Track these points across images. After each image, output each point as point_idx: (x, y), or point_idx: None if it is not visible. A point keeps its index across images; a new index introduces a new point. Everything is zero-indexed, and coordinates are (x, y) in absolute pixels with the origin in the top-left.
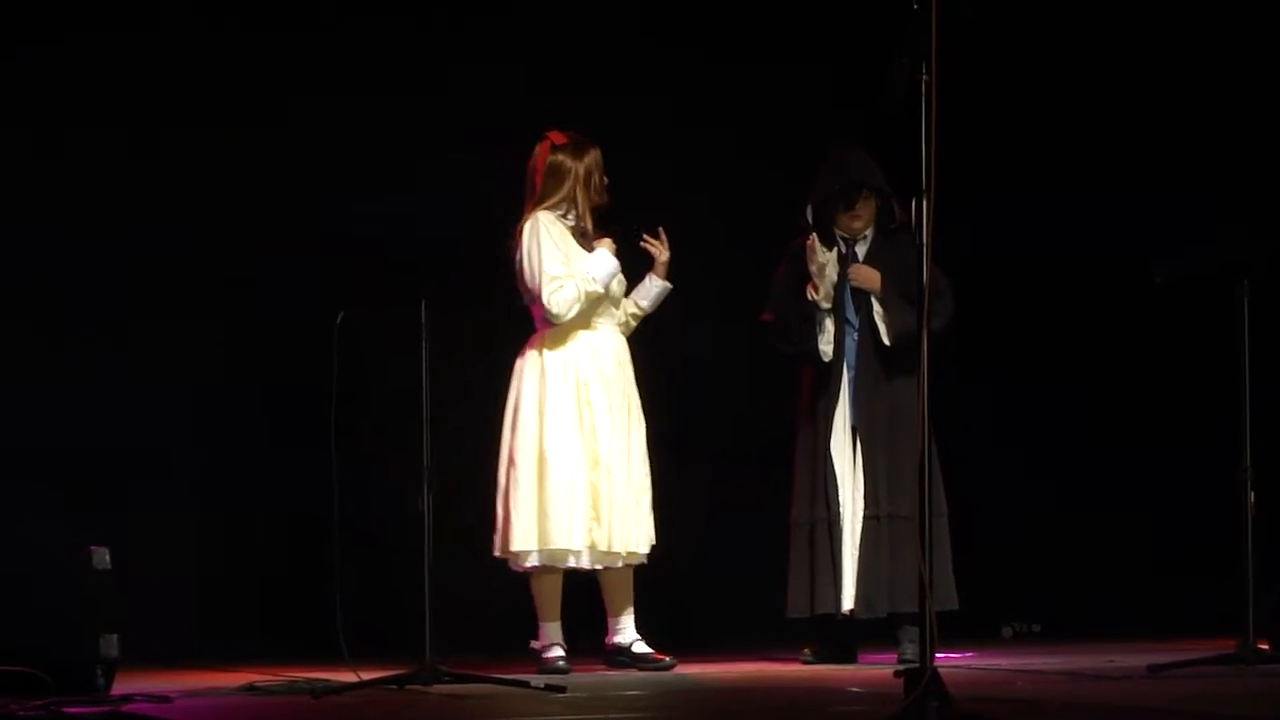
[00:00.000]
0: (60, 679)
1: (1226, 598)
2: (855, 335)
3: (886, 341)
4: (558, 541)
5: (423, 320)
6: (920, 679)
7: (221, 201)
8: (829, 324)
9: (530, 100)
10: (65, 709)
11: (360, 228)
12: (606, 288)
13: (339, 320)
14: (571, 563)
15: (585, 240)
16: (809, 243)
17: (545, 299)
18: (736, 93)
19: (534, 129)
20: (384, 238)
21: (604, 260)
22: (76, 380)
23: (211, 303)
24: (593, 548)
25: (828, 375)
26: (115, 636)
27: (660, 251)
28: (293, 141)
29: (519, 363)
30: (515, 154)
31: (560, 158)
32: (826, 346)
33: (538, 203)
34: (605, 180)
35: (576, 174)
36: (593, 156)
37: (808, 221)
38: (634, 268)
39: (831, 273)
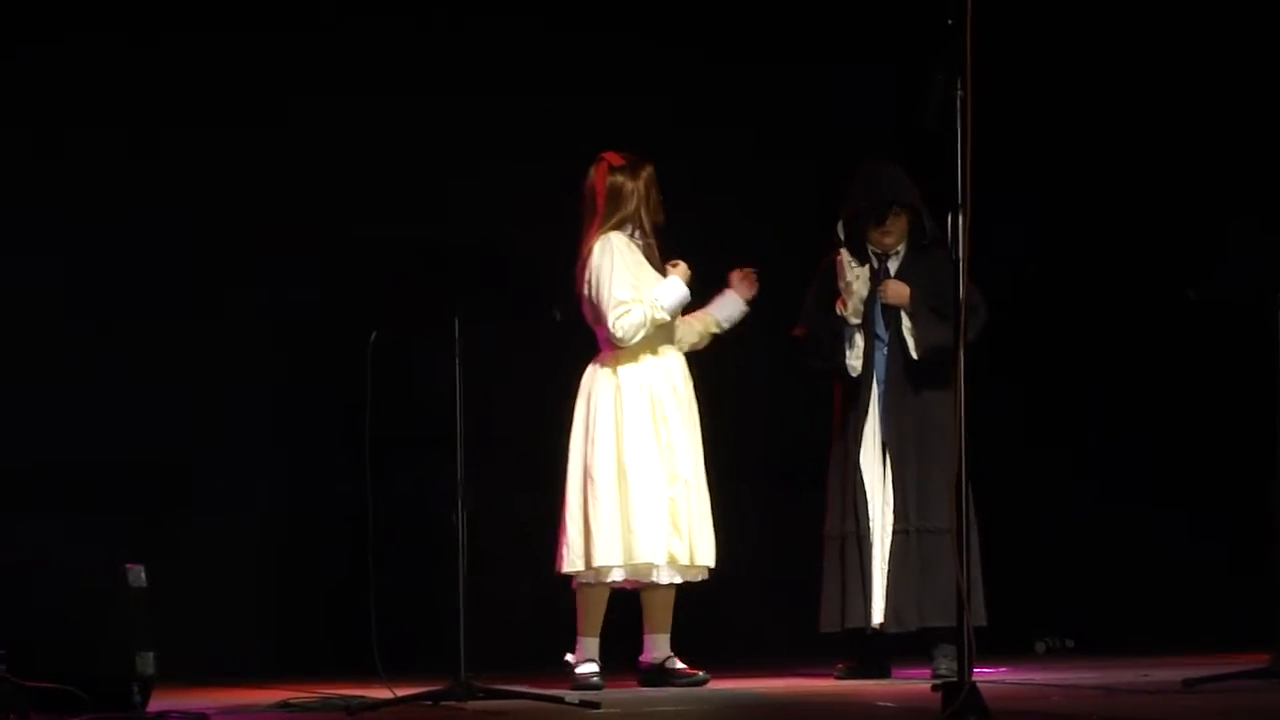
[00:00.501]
0: (97, 696)
1: (1260, 611)
2: (885, 350)
3: (914, 356)
4: (642, 556)
5: (455, 336)
6: (959, 692)
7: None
8: (859, 339)
9: (548, 102)
10: None
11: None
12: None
13: (372, 339)
14: (655, 577)
15: (653, 259)
16: (838, 259)
17: (611, 323)
18: (776, 101)
19: (552, 133)
20: (415, 249)
21: (674, 288)
22: (109, 393)
23: (242, 312)
24: (672, 561)
25: (857, 390)
26: (151, 654)
27: (750, 290)
28: (301, 146)
29: (587, 380)
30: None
31: (619, 178)
32: (856, 361)
33: (602, 224)
34: (661, 197)
35: (638, 193)
36: (648, 174)
37: (839, 237)
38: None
39: (861, 288)
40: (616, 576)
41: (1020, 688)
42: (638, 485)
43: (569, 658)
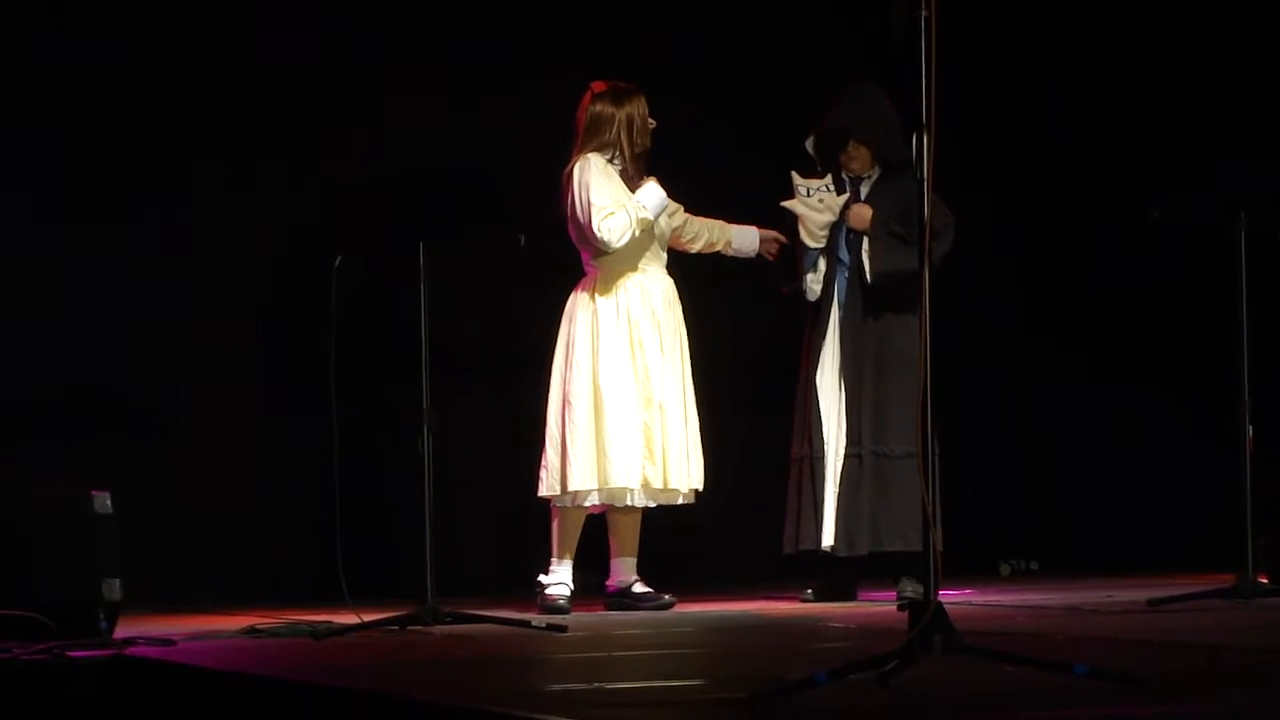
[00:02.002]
0: (63, 623)
1: (1224, 532)
2: (845, 274)
3: (868, 279)
4: (616, 480)
5: (420, 262)
6: (924, 612)
7: (214, 141)
8: (821, 263)
9: (533, 36)
10: (69, 653)
11: (355, 167)
12: (656, 220)
13: (336, 264)
14: (629, 500)
15: (631, 184)
16: (793, 182)
17: (596, 226)
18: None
19: (532, 66)
20: (379, 176)
21: (652, 190)
22: (72, 320)
23: (210, 242)
24: (646, 485)
25: (819, 314)
26: (117, 581)
27: (766, 249)
28: (277, 78)
29: (569, 305)
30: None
31: (600, 106)
32: (815, 286)
33: (581, 148)
34: (651, 124)
35: (619, 120)
36: (634, 103)
37: (812, 156)
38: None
39: (811, 214)
40: (592, 500)
41: (986, 609)
42: (613, 411)
43: (541, 578)
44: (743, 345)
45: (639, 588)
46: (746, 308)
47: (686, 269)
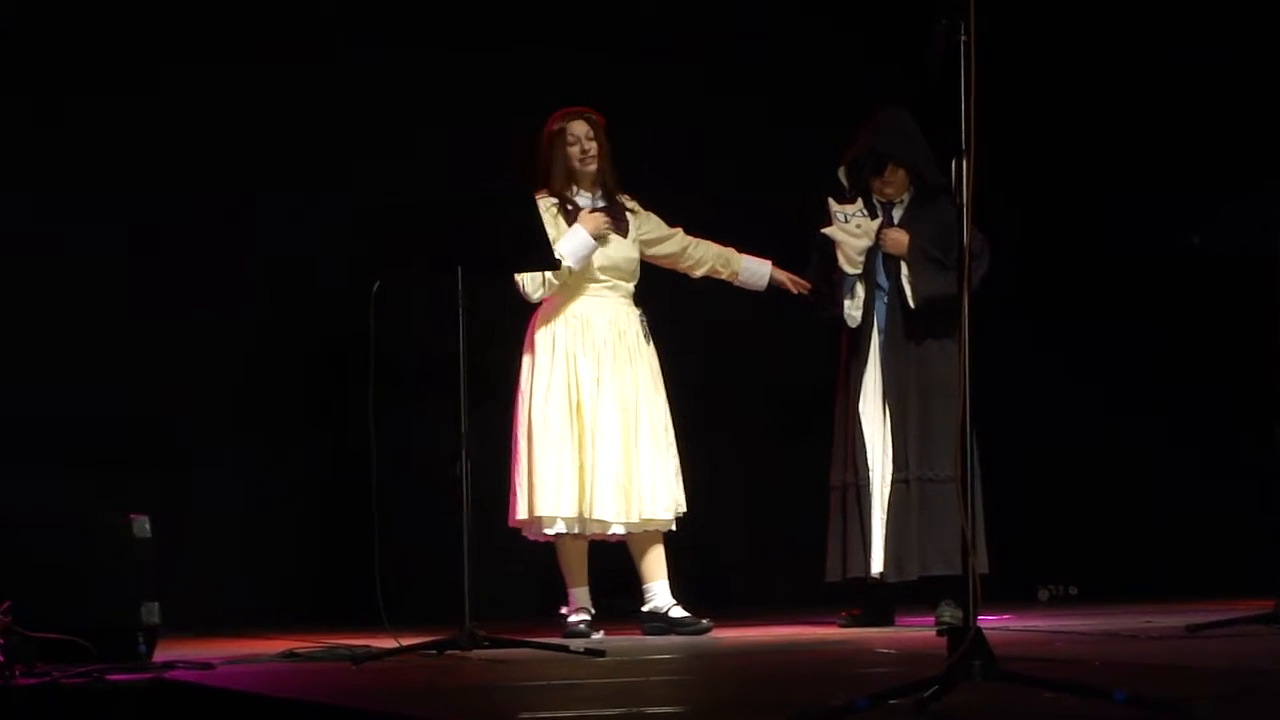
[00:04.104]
0: (102, 647)
1: (1264, 557)
2: (885, 300)
3: (912, 305)
4: (542, 509)
5: (459, 287)
6: (964, 638)
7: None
8: (859, 289)
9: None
10: (108, 677)
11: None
12: (587, 257)
13: (374, 289)
14: (553, 529)
15: (572, 215)
16: (828, 208)
17: (518, 281)
18: (769, 55)
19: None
20: (416, 203)
21: (572, 236)
22: (109, 345)
23: (248, 270)
24: (581, 517)
25: (858, 340)
26: (156, 605)
27: (781, 283)
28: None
29: (525, 337)
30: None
31: (541, 142)
32: (855, 311)
33: (536, 188)
34: (589, 148)
35: (542, 152)
36: (565, 128)
37: (843, 184)
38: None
39: (849, 239)
40: (528, 532)
41: (1024, 634)
42: (541, 443)
43: (563, 610)
44: (770, 373)
45: (676, 612)
46: (771, 335)
47: (714, 296)
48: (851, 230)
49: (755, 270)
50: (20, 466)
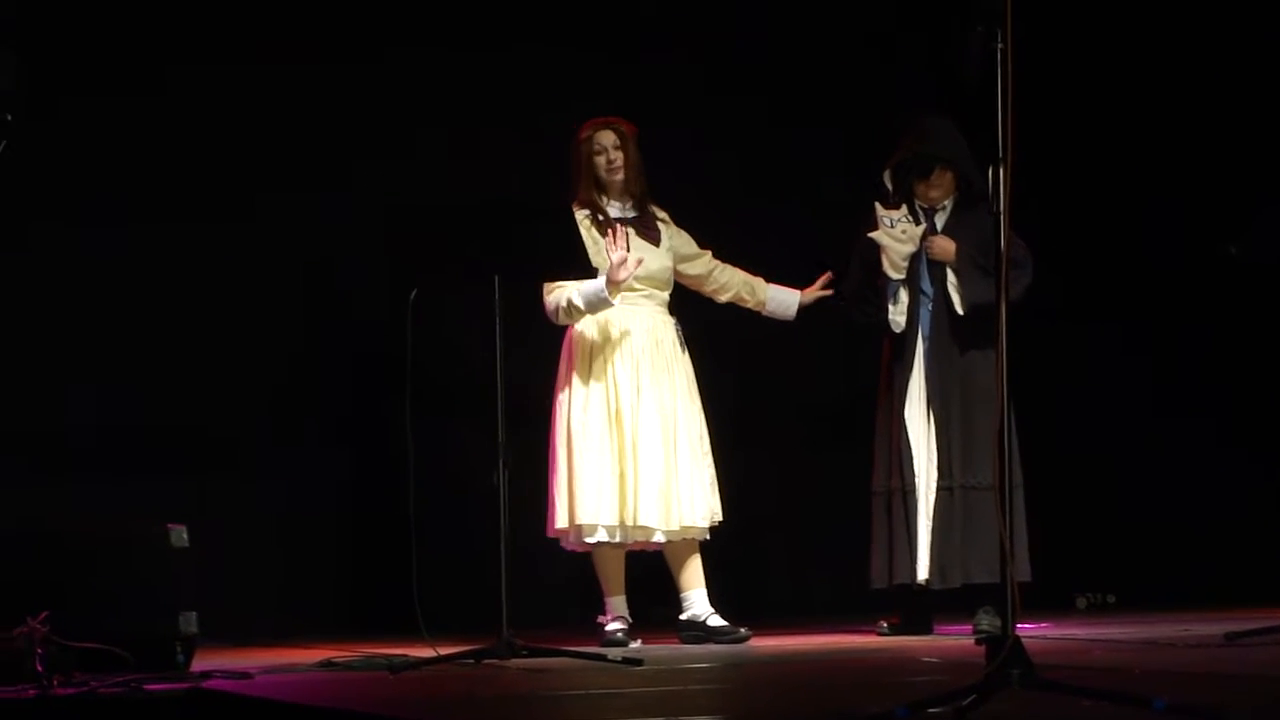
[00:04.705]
0: (140, 657)
1: None
2: (930, 306)
3: (960, 311)
4: (583, 518)
5: (496, 295)
6: (1002, 646)
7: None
8: (903, 295)
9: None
10: (146, 686)
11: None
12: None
13: (412, 297)
14: (596, 537)
15: (603, 225)
16: (876, 213)
17: (545, 292)
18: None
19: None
20: (453, 211)
21: (591, 287)
22: (147, 354)
23: (285, 279)
24: (623, 525)
25: (903, 346)
26: (194, 614)
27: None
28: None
29: (562, 346)
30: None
31: (572, 153)
32: (900, 317)
33: (572, 199)
34: (615, 159)
35: (580, 165)
36: (592, 139)
37: (887, 188)
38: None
39: (895, 244)
40: (567, 542)
41: (1062, 642)
42: (581, 451)
43: (600, 619)
44: (803, 385)
45: (714, 620)
46: (804, 347)
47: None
48: (897, 235)
49: (783, 300)
50: (58, 476)
